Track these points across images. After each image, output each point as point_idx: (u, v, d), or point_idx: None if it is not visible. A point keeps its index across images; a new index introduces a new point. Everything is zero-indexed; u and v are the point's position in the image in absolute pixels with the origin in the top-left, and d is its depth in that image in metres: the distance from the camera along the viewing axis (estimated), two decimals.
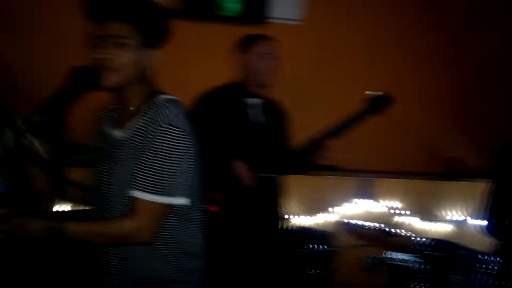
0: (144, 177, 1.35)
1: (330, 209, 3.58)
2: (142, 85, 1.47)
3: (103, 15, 1.40)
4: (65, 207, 2.68)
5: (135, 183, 1.35)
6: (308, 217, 3.56)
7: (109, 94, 1.48)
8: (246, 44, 2.50)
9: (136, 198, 1.35)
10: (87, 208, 1.54)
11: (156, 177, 1.34)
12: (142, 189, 1.34)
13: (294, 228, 3.38)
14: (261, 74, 2.44)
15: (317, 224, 3.57)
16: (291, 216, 3.52)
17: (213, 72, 2.92)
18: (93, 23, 1.42)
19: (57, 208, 2.60)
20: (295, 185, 3.45)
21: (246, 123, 2.47)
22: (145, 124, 1.38)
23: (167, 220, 1.41)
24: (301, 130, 2.79)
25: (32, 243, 1.29)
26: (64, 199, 1.62)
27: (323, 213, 3.58)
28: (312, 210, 3.57)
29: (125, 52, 1.40)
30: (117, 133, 1.47)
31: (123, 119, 1.47)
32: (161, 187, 1.35)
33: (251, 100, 2.49)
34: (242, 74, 2.50)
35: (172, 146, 1.35)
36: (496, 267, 2.05)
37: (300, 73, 3.51)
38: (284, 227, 3.35)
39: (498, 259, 2.10)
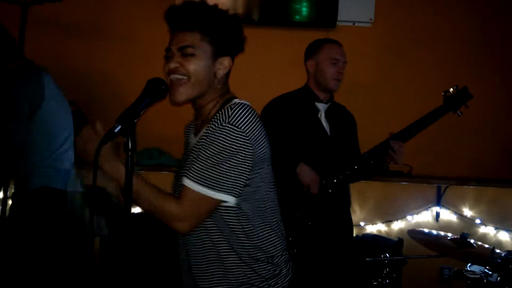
0: (196, 168, 1.37)
1: (403, 217, 3.49)
2: (217, 94, 1.50)
3: (176, 24, 1.45)
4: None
5: (188, 172, 1.38)
6: (380, 224, 3.49)
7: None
8: (315, 48, 2.51)
9: (185, 185, 1.38)
10: None
11: (207, 170, 1.36)
12: (192, 178, 1.37)
13: (366, 236, 3.32)
14: (330, 78, 2.44)
15: (387, 232, 3.48)
16: (362, 224, 3.46)
17: (288, 77, 2.96)
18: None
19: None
20: (366, 192, 3.42)
21: (318, 128, 2.46)
22: (212, 126, 1.39)
23: (241, 223, 1.43)
24: (369, 134, 2.74)
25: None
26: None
27: (395, 221, 3.49)
28: (384, 217, 3.50)
29: (195, 61, 1.42)
30: (193, 140, 1.53)
31: (200, 126, 1.53)
32: (210, 181, 1.36)
33: (320, 105, 2.49)
34: (310, 79, 2.52)
35: (227, 144, 1.35)
36: None
37: (370, 75, 3.46)
38: (356, 235, 3.31)
39: None
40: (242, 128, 1.37)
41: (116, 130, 1.23)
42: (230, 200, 1.40)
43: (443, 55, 3.46)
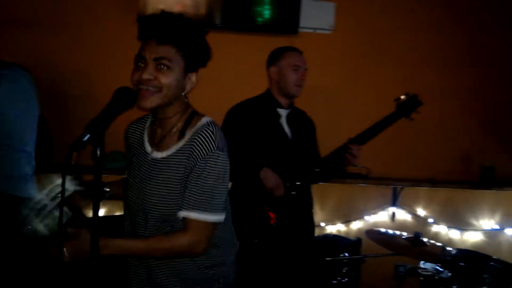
0: (196, 198, 1.45)
1: (361, 217, 3.61)
2: (181, 106, 1.53)
3: (153, 35, 1.44)
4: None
5: (187, 204, 1.45)
6: (338, 225, 3.59)
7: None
8: (277, 56, 2.58)
9: (188, 217, 1.45)
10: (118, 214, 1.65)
11: (208, 198, 1.46)
12: (194, 208, 1.45)
13: (325, 236, 3.41)
14: (292, 84, 2.51)
15: (346, 232, 3.59)
16: (322, 224, 3.56)
17: (250, 82, 3.00)
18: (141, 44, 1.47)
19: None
20: (326, 193, 3.52)
21: (280, 133, 2.52)
22: (193, 147, 1.45)
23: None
24: (332, 139, 2.84)
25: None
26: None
27: (353, 221, 3.60)
28: (343, 218, 3.60)
29: (169, 75, 1.44)
30: (157, 153, 1.54)
31: (163, 139, 1.53)
32: (211, 207, 1.47)
33: (281, 111, 2.56)
34: (272, 85, 2.58)
35: (222, 170, 1.47)
36: None
37: (331, 81, 3.55)
38: (317, 235, 3.40)
39: None
40: (225, 150, 1.49)
41: (84, 139, 1.23)
42: (222, 218, 1.53)
43: (401, 62, 3.59)
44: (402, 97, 2.57)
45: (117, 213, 3.21)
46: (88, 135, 1.24)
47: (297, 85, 2.51)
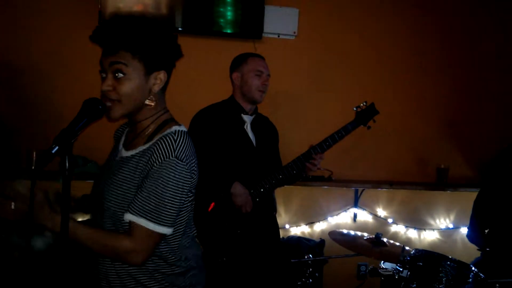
0: (145, 203, 1.39)
1: (325, 218, 3.69)
2: (154, 110, 1.50)
3: (105, 46, 1.42)
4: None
5: (135, 207, 1.39)
6: (302, 226, 3.66)
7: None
8: (240, 61, 2.60)
9: (134, 222, 1.39)
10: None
11: (157, 206, 1.39)
12: (142, 215, 1.39)
13: (288, 238, 3.47)
14: (255, 90, 2.53)
15: (310, 233, 3.66)
16: (287, 226, 3.62)
17: (213, 88, 3.00)
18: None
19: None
20: (290, 195, 3.58)
21: (244, 140, 2.54)
22: (153, 151, 1.40)
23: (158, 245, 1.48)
24: (294, 143, 2.90)
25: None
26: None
27: (317, 222, 3.68)
28: (307, 219, 3.67)
29: (126, 82, 1.41)
30: (123, 152, 1.54)
31: (133, 140, 1.53)
32: (160, 217, 1.40)
33: (246, 117, 2.58)
34: (236, 91, 2.60)
35: (176, 179, 1.40)
36: (474, 278, 2.16)
37: (294, 86, 3.61)
38: (282, 237, 3.44)
39: (475, 269, 2.21)
40: (186, 161, 1.42)
41: (53, 151, 1.23)
42: (169, 232, 1.45)
43: (361, 69, 3.69)
44: (361, 105, 2.68)
45: None
46: (56, 147, 1.24)
47: (260, 90, 2.54)
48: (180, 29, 3.35)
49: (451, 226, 3.86)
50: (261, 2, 3.41)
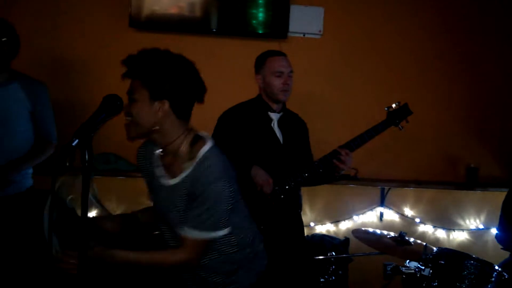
0: (197, 218, 1.61)
1: (350, 217, 3.68)
2: (179, 132, 1.66)
3: (127, 73, 1.62)
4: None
5: (189, 223, 1.62)
6: (329, 224, 3.66)
7: None
8: (260, 63, 2.58)
9: (188, 235, 1.62)
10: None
11: (208, 218, 1.61)
12: (195, 228, 1.61)
13: (314, 236, 3.47)
14: (277, 91, 2.51)
15: (335, 232, 3.66)
16: (312, 224, 3.63)
17: (243, 87, 3.04)
18: None
19: None
20: (315, 194, 3.59)
21: (271, 137, 2.54)
22: (196, 175, 1.61)
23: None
24: (321, 143, 2.89)
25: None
26: None
27: (342, 221, 3.67)
28: (332, 218, 3.67)
29: (136, 106, 1.60)
30: (170, 181, 1.70)
31: (173, 164, 1.70)
32: (211, 226, 1.63)
33: (272, 115, 2.58)
34: (261, 91, 2.60)
35: (222, 197, 1.61)
36: (498, 277, 2.12)
37: (319, 86, 3.62)
38: (306, 235, 3.44)
39: (498, 268, 2.17)
40: (225, 177, 1.62)
41: (73, 144, 1.29)
42: (226, 232, 1.68)
43: (391, 66, 3.65)
44: (394, 105, 2.56)
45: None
46: (76, 140, 1.31)
47: (283, 90, 2.51)
48: (214, 30, 3.43)
49: (481, 226, 3.78)
50: (286, 2, 3.44)
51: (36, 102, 2.55)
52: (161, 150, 1.73)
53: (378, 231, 2.99)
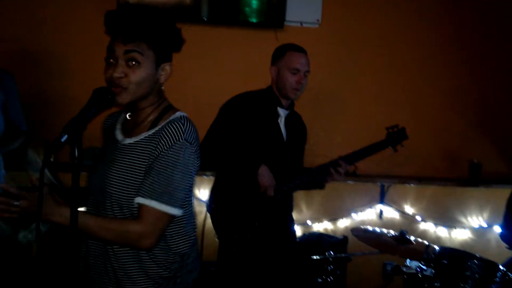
0: (155, 186, 1.42)
1: (349, 215, 3.58)
2: (155, 97, 1.53)
3: (121, 33, 1.43)
4: None
5: (146, 191, 1.43)
6: (326, 222, 3.56)
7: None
8: (279, 55, 2.47)
9: (145, 204, 1.42)
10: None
11: (168, 188, 1.43)
12: (153, 197, 1.42)
13: (311, 234, 3.38)
14: (289, 87, 2.42)
15: (333, 230, 3.57)
16: (309, 222, 3.53)
17: (235, 80, 2.94)
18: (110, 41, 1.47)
19: None
20: (313, 191, 3.47)
21: (276, 133, 2.47)
22: (162, 136, 1.44)
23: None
24: (319, 134, 2.79)
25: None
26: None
27: (340, 219, 3.58)
28: (330, 216, 3.57)
29: (139, 71, 1.44)
30: (125, 140, 1.53)
31: (135, 127, 1.54)
32: (170, 198, 1.44)
33: (281, 111, 2.49)
34: (273, 84, 2.49)
35: (185, 161, 1.44)
36: (502, 277, 2.02)
37: (317, 76, 3.51)
38: (302, 234, 3.37)
39: (503, 268, 2.07)
40: (194, 143, 1.47)
41: (62, 140, 1.23)
42: (179, 213, 1.49)
43: (391, 56, 3.56)
44: (394, 128, 2.62)
45: None
46: (65, 136, 1.24)
47: (295, 88, 2.42)
48: (205, 19, 3.31)
49: (484, 224, 3.67)
50: None
51: (7, 92, 2.51)
52: (129, 114, 1.58)
53: (378, 229, 2.90)
